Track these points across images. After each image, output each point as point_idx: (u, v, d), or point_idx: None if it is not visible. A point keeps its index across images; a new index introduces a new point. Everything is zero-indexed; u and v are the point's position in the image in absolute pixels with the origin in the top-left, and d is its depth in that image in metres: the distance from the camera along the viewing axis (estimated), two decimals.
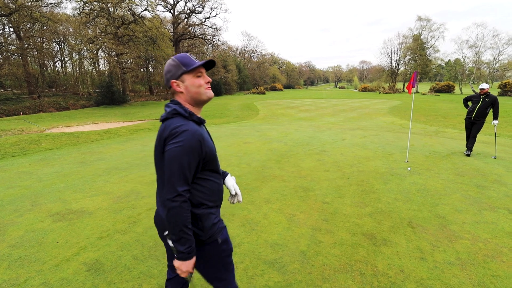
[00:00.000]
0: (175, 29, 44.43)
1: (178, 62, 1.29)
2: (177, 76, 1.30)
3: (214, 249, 1.38)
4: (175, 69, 1.29)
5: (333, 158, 6.24)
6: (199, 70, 1.31)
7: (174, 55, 1.35)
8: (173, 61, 1.30)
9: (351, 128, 11.71)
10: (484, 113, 6.30)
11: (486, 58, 48.44)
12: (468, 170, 5.34)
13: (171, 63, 1.31)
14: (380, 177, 4.89)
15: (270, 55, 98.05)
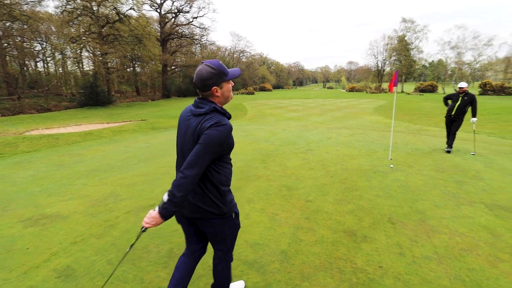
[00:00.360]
0: (162, 29, 43.83)
1: (219, 70, 1.51)
2: (219, 83, 1.53)
3: (231, 222, 1.71)
4: (216, 77, 1.51)
5: (318, 156, 6.27)
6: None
7: (207, 61, 1.53)
8: (213, 69, 1.50)
9: (337, 127, 11.84)
10: (463, 111, 6.48)
11: (467, 59, 50.01)
12: (448, 166, 5.47)
13: (212, 71, 1.49)
14: (363, 175, 4.93)
15: (259, 56, 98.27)
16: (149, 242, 2.85)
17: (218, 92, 1.55)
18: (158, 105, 32.88)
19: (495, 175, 4.86)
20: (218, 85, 1.53)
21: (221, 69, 1.52)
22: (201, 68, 1.51)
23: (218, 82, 1.52)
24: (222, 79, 1.53)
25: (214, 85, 1.52)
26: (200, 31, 47.43)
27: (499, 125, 12.35)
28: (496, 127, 11.70)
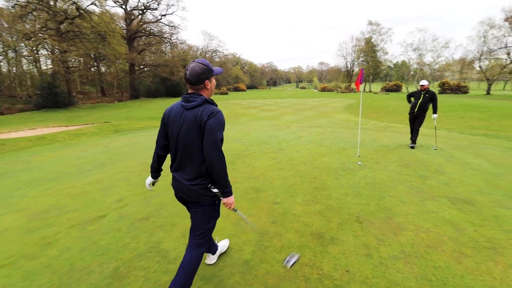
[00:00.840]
0: (128, 26, 41.79)
1: (208, 67, 1.76)
2: (209, 78, 1.78)
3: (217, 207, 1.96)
4: (208, 72, 1.76)
5: (289, 156, 6.14)
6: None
7: (197, 60, 1.77)
8: (205, 66, 1.75)
9: (309, 126, 11.91)
10: (425, 107, 6.73)
11: (428, 60, 53.87)
12: (412, 161, 5.60)
13: (204, 67, 1.75)
14: (332, 173, 4.86)
15: (232, 56, 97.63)
16: (91, 261, 2.47)
17: (208, 85, 1.80)
18: (125, 106, 31.24)
19: (455, 169, 5.04)
20: (209, 79, 1.79)
21: (210, 66, 1.78)
22: (194, 65, 1.74)
23: (209, 77, 1.78)
24: (211, 75, 1.79)
25: (206, 79, 1.77)
26: (170, 29, 45.97)
27: (457, 121, 13.22)
28: (454, 123, 12.50)
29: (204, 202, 1.87)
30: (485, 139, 8.47)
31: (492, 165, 5.32)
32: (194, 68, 1.73)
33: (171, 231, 2.96)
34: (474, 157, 5.96)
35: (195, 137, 1.74)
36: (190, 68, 1.74)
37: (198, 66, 1.74)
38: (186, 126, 1.74)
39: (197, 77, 1.73)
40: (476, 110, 16.59)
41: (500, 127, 11.16)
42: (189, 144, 1.77)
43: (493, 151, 6.55)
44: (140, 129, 11.57)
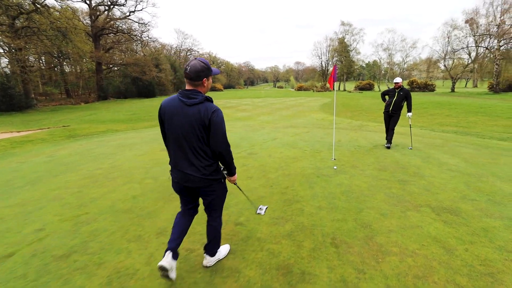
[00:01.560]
0: (94, 23, 39.20)
1: (208, 66, 1.92)
2: (208, 76, 1.93)
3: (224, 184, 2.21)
4: (207, 71, 1.91)
5: (260, 161, 5.57)
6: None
7: (199, 58, 1.89)
8: (205, 65, 1.90)
9: (284, 126, 11.46)
10: (399, 106, 6.47)
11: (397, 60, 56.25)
12: (389, 163, 5.26)
13: (204, 65, 1.89)
14: (306, 181, 4.35)
15: (208, 55, 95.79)
16: None
17: (205, 83, 1.93)
18: (90, 108, 29.20)
19: (434, 171, 4.74)
20: (207, 77, 1.92)
21: (209, 65, 1.93)
22: (195, 63, 1.87)
23: (207, 75, 1.92)
24: (210, 74, 1.94)
25: (205, 77, 1.90)
26: (140, 27, 43.82)
27: (427, 118, 13.45)
28: (425, 121, 12.68)
29: (214, 186, 2.09)
30: (457, 136, 8.48)
31: (469, 165, 5.11)
32: (195, 65, 1.85)
33: (94, 274, 2.25)
34: (450, 156, 5.76)
35: (198, 132, 1.89)
36: (191, 65, 1.85)
37: (199, 64, 1.86)
38: (188, 122, 1.87)
39: (196, 74, 1.85)
40: (444, 107, 17.14)
41: (468, 123, 11.43)
42: (192, 138, 1.91)
43: (467, 149, 6.43)
44: (99, 134, 10.46)
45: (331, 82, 5.38)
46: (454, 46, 41.20)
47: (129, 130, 11.95)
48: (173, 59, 65.89)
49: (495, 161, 5.36)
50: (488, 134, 8.70)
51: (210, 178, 2.03)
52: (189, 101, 1.86)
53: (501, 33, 33.18)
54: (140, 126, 13.62)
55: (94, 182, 4.55)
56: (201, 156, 1.96)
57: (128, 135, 9.71)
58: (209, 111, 1.86)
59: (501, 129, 9.86)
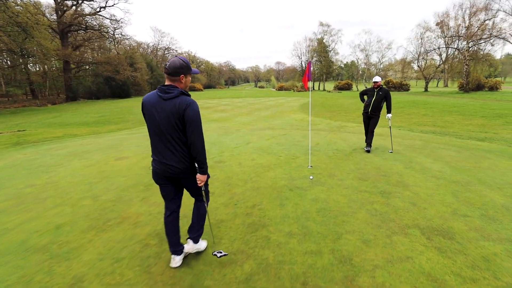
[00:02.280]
0: (60, 18, 36.63)
1: (187, 64, 2.05)
2: (186, 74, 2.04)
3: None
4: (186, 68, 2.02)
5: (227, 172, 4.88)
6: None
7: (180, 57, 2.01)
8: (184, 63, 2.02)
9: (261, 128, 10.84)
10: (379, 106, 6.04)
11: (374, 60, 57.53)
12: (370, 170, 4.76)
13: (183, 63, 2.01)
14: (277, 196, 3.72)
15: (187, 54, 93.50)
16: None
17: (183, 80, 2.04)
18: (57, 110, 27.15)
19: (418, 179, 4.29)
20: (185, 75, 2.04)
21: (189, 64, 2.06)
22: (175, 59, 1.99)
23: (185, 73, 2.03)
24: (188, 72, 2.06)
25: (182, 74, 2.01)
26: (112, 23, 41.55)
27: (405, 118, 13.38)
28: (403, 120, 12.57)
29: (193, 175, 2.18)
30: (436, 137, 8.25)
31: (454, 170, 4.72)
32: (175, 61, 1.98)
33: None
34: (433, 160, 5.38)
35: (174, 125, 1.99)
36: (171, 61, 1.99)
37: (178, 61, 1.99)
38: (165, 115, 1.97)
39: (175, 70, 1.97)
40: (420, 107, 17.33)
41: (444, 123, 11.41)
42: (170, 130, 2.01)
43: (448, 151, 6.12)
44: (53, 140, 9.28)
45: (306, 81, 4.80)
46: (426, 47, 42.74)
47: (90, 134, 10.82)
48: (150, 58, 63.41)
49: (479, 165, 5.03)
50: (466, 134, 8.57)
51: (190, 169, 2.14)
52: (165, 96, 1.96)
53: (470, 35, 34.73)
54: (105, 130, 12.47)
55: (18, 205, 3.65)
56: (180, 147, 2.06)
57: (85, 141, 8.66)
58: (183, 104, 1.95)
59: (477, 129, 9.86)
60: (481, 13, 34.48)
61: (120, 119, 18.12)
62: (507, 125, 10.35)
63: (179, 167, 2.08)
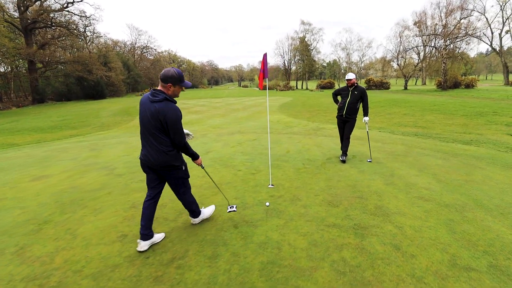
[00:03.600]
0: (22, 14, 33.83)
1: (179, 76, 2.32)
2: (174, 84, 2.31)
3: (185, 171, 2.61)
4: (175, 79, 2.30)
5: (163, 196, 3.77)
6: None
7: (176, 69, 2.34)
8: (175, 74, 2.30)
9: (231, 132, 9.76)
10: (354, 108, 5.13)
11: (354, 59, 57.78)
12: (343, 190, 3.81)
13: (174, 74, 2.30)
14: (211, 241, 2.66)
15: (167, 53, 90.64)
16: None
17: (171, 88, 2.32)
18: (18, 113, 24.90)
19: (401, 202, 3.37)
20: (173, 84, 2.30)
21: (180, 77, 2.33)
22: (170, 69, 2.30)
23: (174, 83, 2.30)
24: (177, 83, 2.32)
25: (171, 83, 2.28)
26: (81, 20, 39.01)
27: (385, 118, 12.74)
28: (383, 121, 11.89)
29: (173, 172, 2.51)
30: (419, 139, 7.50)
31: (444, 187, 3.86)
32: (168, 70, 2.30)
33: None
34: (418, 172, 4.52)
35: (154, 124, 2.29)
36: (166, 69, 2.30)
37: (172, 70, 2.30)
38: (150, 115, 2.27)
39: (165, 77, 2.27)
40: (401, 105, 16.86)
41: (426, 123, 10.80)
42: (152, 129, 2.32)
43: (434, 159, 5.30)
44: None
45: (261, 79, 3.77)
46: (405, 46, 43.17)
47: (33, 143, 9.33)
48: (126, 57, 60.60)
49: (471, 178, 4.21)
50: (449, 136, 7.89)
51: (168, 164, 2.43)
52: (152, 98, 2.28)
53: (446, 33, 35.23)
54: (54, 137, 10.95)
55: None
56: (158, 143, 2.36)
57: (15, 154, 7.25)
58: (165, 109, 2.24)
59: (460, 129, 9.28)
60: (457, 12, 35.09)
61: (82, 123, 16.48)
62: (489, 125, 9.85)
63: (156, 159, 2.39)
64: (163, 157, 2.38)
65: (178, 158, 2.46)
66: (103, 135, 10.88)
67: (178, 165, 2.49)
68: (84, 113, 22.14)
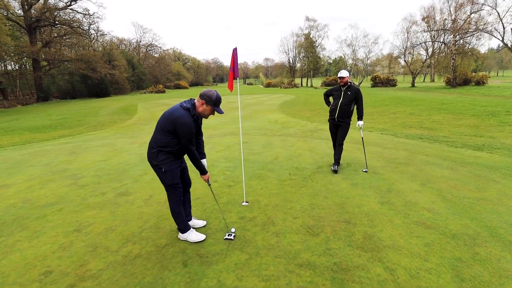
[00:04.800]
0: (26, 13, 33.83)
1: (212, 99, 2.42)
2: (206, 103, 2.43)
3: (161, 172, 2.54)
4: (210, 100, 2.42)
5: (115, 217, 3.25)
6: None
7: (217, 93, 2.47)
8: (214, 96, 2.43)
9: (222, 133, 9.20)
10: (348, 111, 4.50)
11: (360, 55, 56.37)
12: (328, 211, 3.21)
13: (212, 96, 2.42)
14: (148, 286, 2.11)
15: (172, 50, 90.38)
16: None
17: (203, 105, 2.44)
18: (22, 112, 24.84)
19: (397, 230, 2.75)
20: (207, 103, 2.42)
21: (217, 100, 2.44)
22: (213, 90, 2.45)
23: (207, 102, 2.42)
24: (209, 103, 2.43)
25: (203, 100, 2.42)
26: (85, 18, 38.88)
27: (389, 118, 11.98)
28: (387, 121, 11.15)
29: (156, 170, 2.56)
30: (424, 144, 6.80)
31: (451, 208, 3.22)
32: (211, 90, 2.45)
33: None
34: (420, 187, 3.88)
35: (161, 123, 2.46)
36: (208, 89, 2.48)
37: (213, 92, 2.43)
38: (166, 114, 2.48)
39: (203, 93, 2.42)
40: (406, 104, 16.02)
41: (432, 123, 10.03)
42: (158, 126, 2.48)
43: (440, 169, 4.63)
44: None
45: (231, 79, 3.19)
46: (412, 42, 41.74)
47: (16, 145, 8.94)
48: (131, 55, 60.45)
49: (484, 196, 3.55)
50: (459, 140, 7.16)
51: (152, 161, 2.54)
52: (181, 103, 2.48)
53: (456, 28, 33.81)
54: (47, 137, 10.59)
55: None
56: (154, 139, 2.49)
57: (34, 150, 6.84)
58: (176, 117, 2.36)
59: (469, 131, 8.51)
60: (467, 6, 33.60)
61: (78, 122, 16.14)
62: (502, 126, 9.03)
63: (148, 152, 2.56)
64: (148, 152, 2.54)
65: (158, 157, 2.48)
66: (92, 136, 10.46)
67: (157, 164, 2.50)
68: (84, 111, 21.89)
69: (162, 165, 2.48)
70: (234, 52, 3.06)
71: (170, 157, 2.49)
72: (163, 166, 2.48)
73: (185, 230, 2.67)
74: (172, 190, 2.58)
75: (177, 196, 2.61)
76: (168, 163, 2.49)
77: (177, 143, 2.45)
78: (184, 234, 2.68)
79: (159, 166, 2.49)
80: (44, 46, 37.48)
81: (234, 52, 3.06)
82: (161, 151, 2.46)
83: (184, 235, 2.69)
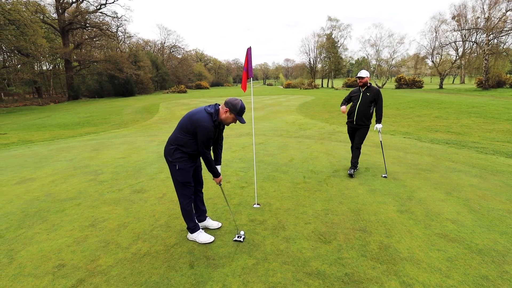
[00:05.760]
0: (60, 16, 36.02)
1: (236, 108, 2.44)
2: (230, 110, 2.45)
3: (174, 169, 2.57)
4: (234, 108, 2.44)
5: (129, 213, 3.31)
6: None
7: (242, 102, 2.50)
8: (237, 105, 2.44)
9: (239, 134, 9.22)
10: (367, 113, 4.31)
11: (385, 56, 54.45)
12: (342, 218, 3.07)
13: (236, 104, 2.44)
14: (154, 286, 2.11)
15: (194, 51, 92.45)
16: None
17: (226, 113, 2.47)
18: (53, 109, 26.51)
19: (417, 243, 2.57)
20: (230, 111, 2.45)
21: (240, 110, 2.46)
22: (238, 99, 2.48)
23: (231, 110, 2.45)
24: (233, 111, 2.46)
25: (227, 108, 2.45)
26: (114, 21, 40.73)
27: (413, 121, 11.41)
28: (411, 124, 10.63)
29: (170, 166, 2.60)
30: (450, 149, 6.39)
31: (479, 220, 2.96)
32: (237, 99, 2.48)
33: None
34: (445, 196, 3.62)
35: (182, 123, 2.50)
36: (234, 97, 2.49)
37: (238, 100, 2.46)
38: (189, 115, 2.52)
39: (228, 101, 2.46)
40: (433, 107, 15.19)
41: (461, 128, 9.42)
42: (180, 125, 2.52)
43: (468, 177, 4.31)
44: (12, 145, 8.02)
45: (245, 79, 3.15)
46: (441, 41, 39.62)
47: (46, 141, 9.49)
48: (155, 56, 62.49)
49: None
50: (490, 146, 6.65)
51: (167, 157, 2.59)
52: (205, 106, 2.50)
53: (489, 27, 31.66)
54: (74, 134, 11.17)
55: None
56: (174, 137, 2.55)
57: (23, 152, 7.31)
58: (197, 119, 2.40)
59: (502, 137, 7.88)
60: (502, 3, 31.34)
61: (104, 120, 16.91)
62: None
63: (166, 149, 2.61)
64: (166, 148, 2.60)
65: (174, 155, 2.52)
66: (115, 134, 10.88)
67: (172, 161, 2.54)
68: (110, 110, 22.88)
69: (176, 163, 2.52)
70: (248, 52, 3.02)
71: (185, 156, 2.53)
72: (178, 164, 2.53)
73: (194, 230, 2.68)
74: (183, 188, 2.61)
75: (188, 194, 2.63)
76: (183, 161, 2.53)
77: (194, 144, 2.48)
78: (193, 234, 2.68)
79: (173, 163, 2.53)
80: (75, 48, 39.74)
81: (248, 52, 3.02)
82: (178, 149, 2.51)
83: (193, 236, 2.69)
